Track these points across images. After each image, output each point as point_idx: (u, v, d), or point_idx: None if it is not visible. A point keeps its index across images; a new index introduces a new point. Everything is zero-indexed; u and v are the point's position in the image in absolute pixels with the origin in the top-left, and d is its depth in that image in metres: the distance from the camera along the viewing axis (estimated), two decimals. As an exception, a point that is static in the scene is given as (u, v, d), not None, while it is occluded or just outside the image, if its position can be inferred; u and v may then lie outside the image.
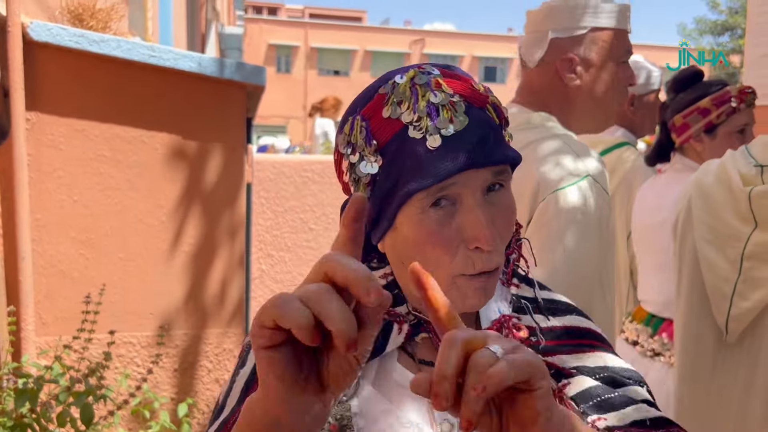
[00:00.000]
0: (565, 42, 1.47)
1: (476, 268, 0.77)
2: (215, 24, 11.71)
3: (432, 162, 0.76)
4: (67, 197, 2.27)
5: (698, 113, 2.11)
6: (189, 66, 2.31)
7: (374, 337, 0.54)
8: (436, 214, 0.77)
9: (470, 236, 0.77)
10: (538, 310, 0.88)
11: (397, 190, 0.78)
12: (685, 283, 1.59)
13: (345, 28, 39.73)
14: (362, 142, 0.79)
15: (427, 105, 0.77)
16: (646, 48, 37.14)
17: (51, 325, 2.28)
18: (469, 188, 0.77)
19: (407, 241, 0.80)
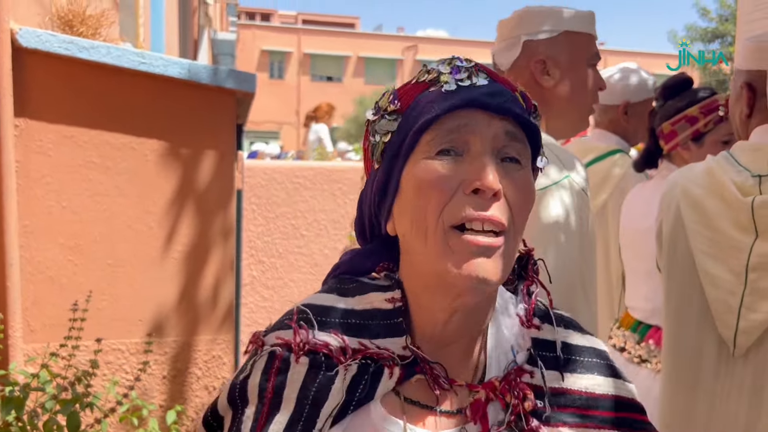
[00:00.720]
0: (538, 44, 1.50)
1: (467, 212, 0.72)
2: (208, 30, 11.71)
3: (443, 99, 0.76)
4: (56, 203, 2.26)
5: (686, 121, 2.13)
6: (179, 72, 2.32)
7: None
8: (440, 161, 0.74)
9: (469, 175, 0.73)
10: (554, 363, 0.80)
11: (407, 138, 0.77)
12: (676, 295, 1.56)
13: (338, 34, 39.82)
14: (386, 104, 0.80)
15: (452, 68, 0.79)
16: (637, 55, 37.36)
17: (39, 332, 2.27)
18: (478, 137, 0.74)
19: (408, 195, 0.76)
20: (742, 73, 1.55)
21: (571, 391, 0.79)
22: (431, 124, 0.75)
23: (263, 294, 3.95)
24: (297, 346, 0.77)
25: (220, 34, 13.32)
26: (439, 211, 0.73)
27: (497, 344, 0.81)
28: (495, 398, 0.77)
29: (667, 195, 1.60)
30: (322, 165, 4.20)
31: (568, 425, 0.77)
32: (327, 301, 0.82)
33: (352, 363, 0.76)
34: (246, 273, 3.85)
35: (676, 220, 1.54)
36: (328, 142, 8.07)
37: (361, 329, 0.78)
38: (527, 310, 0.83)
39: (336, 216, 4.00)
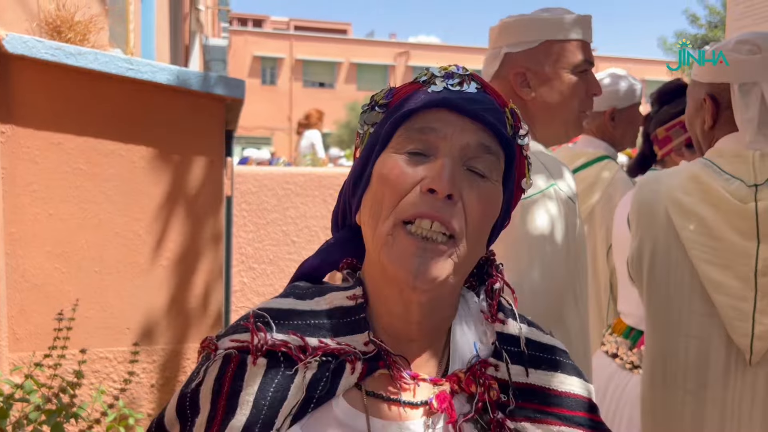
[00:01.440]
0: (518, 56, 1.49)
1: (417, 209, 0.73)
2: (199, 36, 11.70)
3: (424, 97, 0.78)
4: (43, 211, 2.24)
5: (680, 127, 2.16)
6: (167, 79, 2.30)
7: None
8: (406, 158, 0.76)
9: (427, 175, 0.74)
10: (519, 358, 0.80)
11: (382, 131, 0.79)
12: (667, 305, 1.54)
13: (330, 40, 39.88)
14: (380, 98, 0.83)
15: (446, 73, 0.81)
16: (627, 61, 37.57)
17: (25, 341, 2.24)
18: (448, 142, 0.75)
19: (372, 186, 0.78)
20: (703, 85, 1.57)
21: (534, 386, 0.80)
22: (406, 118, 0.77)
23: (254, 301, 3.93)
24: (255, 347, 0.75)
25: (211, 40, 13.31)
26: (393, 205, 0.75)
27: (460, 341, 0.81)
28: (460, 390, 0.78)
29: (645, 205, 1.57)
30: (313, 171, 4.19)
31: (530, 420, 0.78)
32: (284, 304, 0.81)
33: (312, 360, 0.75)
34: (237, 280, 3.83)
35: (664, 229, 1.53)
36: (320, 148, 8.07)
37: (320, 329, 0.78)
38: (491, 305, 0.84)
39: (327, 222, 3.98)
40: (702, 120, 1.59)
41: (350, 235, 0.86)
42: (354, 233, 0.85)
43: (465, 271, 0.79)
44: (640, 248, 1.57)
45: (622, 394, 2.10)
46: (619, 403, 2.10)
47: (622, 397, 2.09)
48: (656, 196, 1.55)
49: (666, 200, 1.53)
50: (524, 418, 0.78)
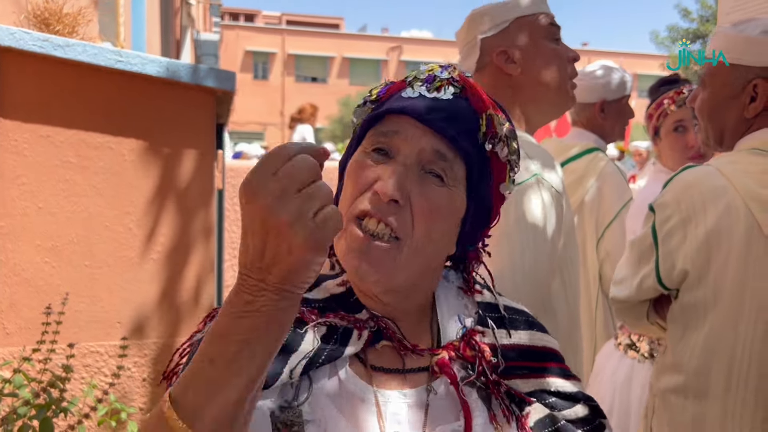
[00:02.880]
0: (494, 39, 1.54)
1: (363, 205, 0.78)
2: (191, 30, 11.65)
3: (394, 102, 0.83)
4: (32, 204, 2.22)
5: (647, 118, 2.30)
6: (156, 71, 2.28)
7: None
8: (371, 157, 0.82)
9: (379, 177, 0.79)
10: (501, 323, 0.87)
11: (359, 130, 0.85)
12: (729, 298, 1.47)
13: (322, 35, 39.78)
14: (375, 93, 0.88)
15: (430, 73, 0.85)
16: (619, 55, 37.63)
17: (15, 335, 2.22)
18: (407, 146, 0.80)
19: (345, 184, 0.84)
20: (750, 69, 1.49)
21: (518, 346, 0.87)
22: (375, 122, 0.83)
23: (246, 295, 3.92)
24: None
25: (203, 35, 13.26)
26: (351, 201, 0.80)
27: (446, 314, 0.87)
28: (456, 357, 0.83)
29: (711, 201, 1.47)
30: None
31: (519, 377, 0.85)
32: None
33: (321, 321, 0.80)
34: (229, 274, 3.81)
35: (744, 225, 1.44)
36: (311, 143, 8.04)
37: (324, 310, 0.82)
38: (466, 279, 0.91)
39: (319, 216, 3.97)
40: (741, 105, 1.52)
41: None
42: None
43: (416, 270, 0.82)
44: (708, 246, 1.48)
45: (604, 371, 2.16)
46: (602, 379, 2.16)
47: (604, 372, 2.16)
48: (726, 192, 1.47)
49: (743, 195, 1.45)
50: (514, 376, 0.85)
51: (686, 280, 1.52)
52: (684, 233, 1.50)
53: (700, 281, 1.49)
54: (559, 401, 0.85)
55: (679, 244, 1.51)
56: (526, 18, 1.53)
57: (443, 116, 0.81)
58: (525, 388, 0.84)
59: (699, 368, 1.49)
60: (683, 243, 1.51)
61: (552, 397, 0.85)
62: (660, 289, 1.58)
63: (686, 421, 1.49)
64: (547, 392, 0.85)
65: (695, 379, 1.49)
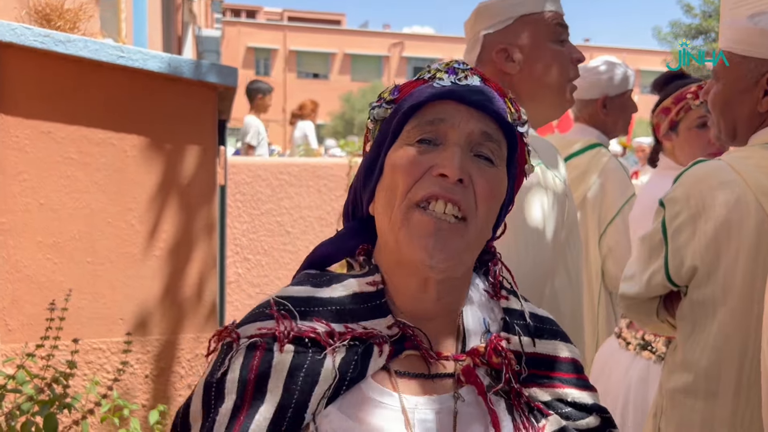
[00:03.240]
0: (497, 36, 1.51)
1: (429, 190, 0.77)
2: (192, 27, 11.64)
3: (431, 91, 0.83)
4: (34, 200, 2.22)
5: (662, 112, 2.23)
6: (158, 67, 2.28)
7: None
8: (417, 147, 0.81)
9: (438, 161, 0.79)
10: (526, 330, 0.87)
11: (392, 125, 0.84)
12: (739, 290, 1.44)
13: (324, 31, 39.73)
14: (387, 95, 0.88)
15: (449, 68, 0.86)
16: (622, 51, 37.55)
17: (17, 332, 2.22)
18: (455, 130, 0.80)
19: (386, 176, 0.82)
20: (764, 62, 1.46)
21: (541, 355, 0.86)
22: (415, 111, 0.82)
23: (249, 292, 3.92)
24: (282, 334, 0.77)
25: (204, 31, 13.26)
26: (407, 190, 0.79)
27: (472, 319, 0.86)
28: (481, 364, 0.82)
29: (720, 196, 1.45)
30: (307, 161, 4.17)
31: (539, 386, 0.84)
32: (303, 292, 0.82)
33: (340, 345, 0.77)
34: (231, 270, 3.81)
35: (755, 221, 1.42)
36: (313, 139, 8.04)
37: (344, 315, 0.80)
38: (494, 284, 0.90)
39: (322, 212, 3.97)
40: (755, 99, 1.50)
41: (361, 226, 0.89)
42: (364, 224, 0.89)
43: (476, 252, 0.83)
44: (717, 242, 1.46)
45: (613, 370, 2.15)
46: (610, 378, 2.15)
47: (613, 372, 2.15)
48: (737, 186, 1.44)
49: (754, 190, 1.43)
50: (534, 384, 0.84)
51: (695, 276, 1.50)
52: (693, 229, 1.49)
53: (710, 278, 1.47)
54: (574, 412, 0.85)
55: (688, 240, 1.49)
56: (530, 16, 1.50)
57: (484, 97, 0.82)
58: (543, 397, 0.84)
59: (709, 368, 1.46)
60: (692, 239, 1.49)
61: (568, 407, 0.85)
62: (669, 286, 1.56)
63: (695, 422, 1.48)
64: (564, 402, 0.85)
65: (705, 380, 1.47)
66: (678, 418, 1.52)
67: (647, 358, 2.07)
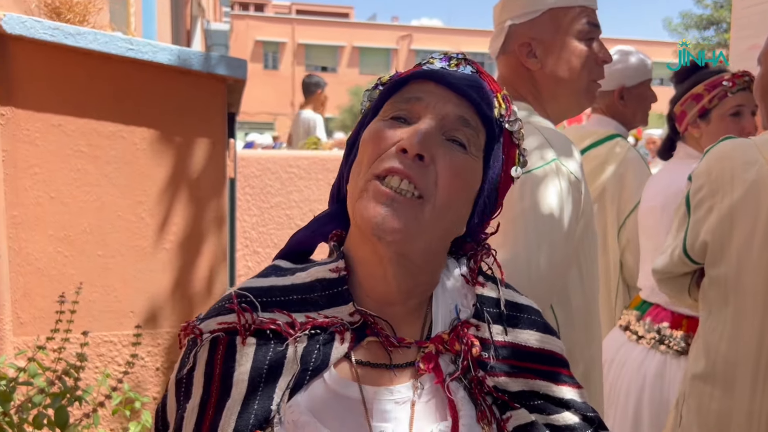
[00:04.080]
0: (522, 27, 1.46)
1: (388, 163, 0.76)
2: (201, 20, 11.63)
3: (410, 72, 0.83)
4: (44, 194, 2.22)
5: (692, 99, 2.16)
6: (168, 59, 2.27)
7: None
8: (389, 123, 0.80)
9: (402, 136, 0.78)
10: (498, 318, 0.84)
11: (375, 103, 0.84)
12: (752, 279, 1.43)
13: (332, 24, 39.64)
14: (387, 78, 0.87)
15: (443, 54, 0.86)
16: (632, 42, 37.26)
17: (29, 325, 2.23)
18: (430, 111, 0.79)
19: (358, 151, 0.82)
20: None
21: (512, 344, 0.84)
22: (396, 89, 0.83)
23: (258, 285, 3.92)
24: (243, 327, 0.77)
25: (213, 25, 13.25)
26: (371, 162, 0.78)
27: (442, 305, 0.84)
28: (444, 351, 0.81)
29: (739, 177, 1.45)
30: (316, 154, 4.16)
31: (508, 375, 0.82)
32: (265, 282, 0.82)
33: (301, 335, 0.77)
34: (241, 264, 3.81)
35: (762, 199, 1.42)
36: (321, 133, 8.01)
37: (305, 304, 0.80)
38: (472, 269, 0.87)
39: (331, 205, 3.96)
40: None
41: (341, 209, 0.87)
42: (344, 207, 0.86)
43: (434, 237, 0.80)
44: (731, 220, 1.45)
45: (624, 364, 2.11)
46: (621, 372, 2.11)
47: (624, 366, 2.11)
48: (757, 165, 1.44)
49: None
50: (503, 374, 0.81)
51: (708, 253, 1.49)
52: (711, 204, 1.49)
53: (722, 256, 1.46)
54: (548, 405, 0.82)
55: (705, 214, 1.49)
56: (560, 10, 1.43)
57: (467, 83, 0.81)
58: (513, 388, 0.82)
59: (727, 354, 1.45)
60: (709, 214, 1.49)
61: (539, 400, 0.82)
62: (687, 261, 1.55)
63: (712, 410, 1.47)
64: (536, 394, 0.83)
65: (723, 367, 1.46)
66: (697, 406, 1.51)
67: (663, 352, 2.05)
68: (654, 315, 2.10)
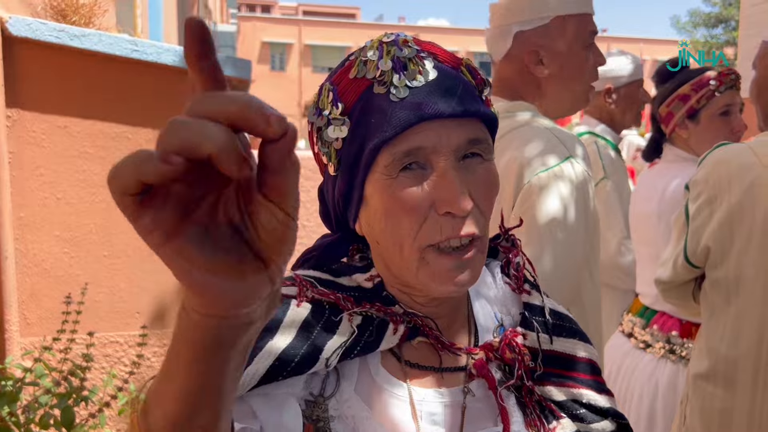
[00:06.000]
0: (530, 34, 1.45)
1: (443, 234, 0.71)
2: (208, 22, 11.66)
3: (395, 113, 0.71)
4: (50, 195, 2.23)
5: (679, 100, 2.11)
6: (172, 60, 2.28)
7: (292, 182, 0.40)
8: (405, 178, 0.72)
9: (440, 198, 0.71)
10: (544, 327, 0.83)
11: (363, 153, 0.73)
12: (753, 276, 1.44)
13: (339, 24, 39.68)
14: (329, 106, 0.75)
15: (392, 59, 0.73)
16: (640, 41, 37.16)
17: (35, 325, 2.24)
18: (440, 151, 0.71)
19: (377, 214, 0.74)
20: None
21: (558, 353, 0.83)
22: (386, 144, 0.71)
23: (265, 285, 3.93)
24: (301, 291, 0.75)
25: (220, 26, 13.29)
26: (414, 234, 0.72)
27: (482, 311, 0.83)
28: (494, 359, 0.80)
29: (737, 179, 1.45)
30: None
31: (554, 384, 0.81)
32: (321, 275, 0.79)
33: (357, 310, 0.75)
34: (247, 264, 3.82)
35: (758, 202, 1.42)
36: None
37: (359, 299, 0.78)
38: (517, 277, 0.85)
39: (337, 206, 3.96)
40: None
41: (350, 235, 0.84)
42: (353, 232, 0.83)
43: (486, 253, 0.78)
44: (731, 224, 1.46)
45: (634, 372, 2.08)
46: (631, 380, 2.09)
47: (634, 374, 2.08)
48: (753, 169, 1.44)
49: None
50: (549, 383, 0.81)
51: (710, 258, 1.50)
52: (710, 210, 1.50)
53: (723, 259, 1.48)
54: (588, 414, 0.82)
55: (705, 221, 1.51)
56: (567, 18, 1.43)
57: (455, 100, 0.72)
58: (558, 397, 0.81)
59: (728, 355, 1.46)
60: (709, 220, 1.50)
61: (582, 408, 0.82)
62: (690, 268, 1.56)
63: (715, 409, 1.47)
64: (578, 403, 0.82)
65: (724, 366, 1.46)
66: (700, 405, 1.51)
67: (675, 362, 2.02)
68: (661, 323, 2.07)
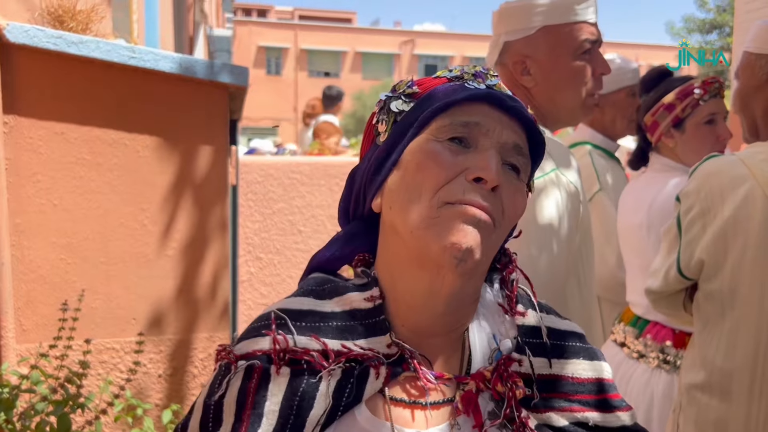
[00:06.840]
0: (517, 44, 1.45)
1: (465, 195, 0.72)
2: (203, 26, 11.66)
3: (456, 91, 0.77)
4: (47, 201, 2.23)
5: (664, 109, 2.11)
6: (170, 67, 2.28)
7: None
8: (449, 145, 0.75)
9: (474, 165, 0.73)
10: (542, 350, 0.80)
11: (420, 116, 0.77)
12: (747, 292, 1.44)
13: (335, 29, 39.75)
14: (404, 87, 0.82)
15: (476, 72, 0.81)
16: (634, 47, 37.30)
17: (32, 332, 2.24)
18: (489, 137, 0.75)
19: (408, 170, 0.76)
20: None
21: (558, 376, 0.80)
22: (450, 107, 0.76)
23: (261, 291, 3.92)
24: (277, 356, 0.74)
25: (216, 31, 13.28)
26: (436, 188, 0.74)
27: (479, 335, 0.80)
28: (486, 389, 0.76)
29: (728, 192, 1.45)
30: (318, 160, 4.17)
31: (554, 410, 0.78)
32: (303, 304, 0.79)
33: (335, 367, 0.74)
34: (243, 270, 3.82)
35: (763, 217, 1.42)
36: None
37: (341, 331, 0.76)
38: (509, 297, 0.83)
39: (333, 211, 3.96)
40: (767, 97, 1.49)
41: (361, 228, 0.84)
42: (365, 226, 0.83)
43: (490, 261, 0.79)
44: (725, 237, 1.46)
45: (629, 383, 2.08)
46: (626, 390, 2.09)
47: (629, 385, 2.08)
48: (746, 181, 1.44)
49: (763, 185, 1.42)
50: (549, 409, 0.78)
51: (704, 270, 1.50)
52: (703, 223, 1.50)
53: (717, 272, 1.48)
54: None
55: (698, 234, 1.50)
56: (553, 28, 1.41)
57: (519, 105, 0.78)
58: (559, 423, 0.78)
59: (723, 367, 1.46)
60: (703, 233, 1.50)
61: (589, 431, 0.79)
62: (683, 280, 1.56)
63: (710, 420, 1.47)
64: (584, 426, 0.79)
65: (720, 378, 1.47)
66: (695, 415, 1.51)
67: (669, 372, 2.01)
68: (654, 333, 2.07)
